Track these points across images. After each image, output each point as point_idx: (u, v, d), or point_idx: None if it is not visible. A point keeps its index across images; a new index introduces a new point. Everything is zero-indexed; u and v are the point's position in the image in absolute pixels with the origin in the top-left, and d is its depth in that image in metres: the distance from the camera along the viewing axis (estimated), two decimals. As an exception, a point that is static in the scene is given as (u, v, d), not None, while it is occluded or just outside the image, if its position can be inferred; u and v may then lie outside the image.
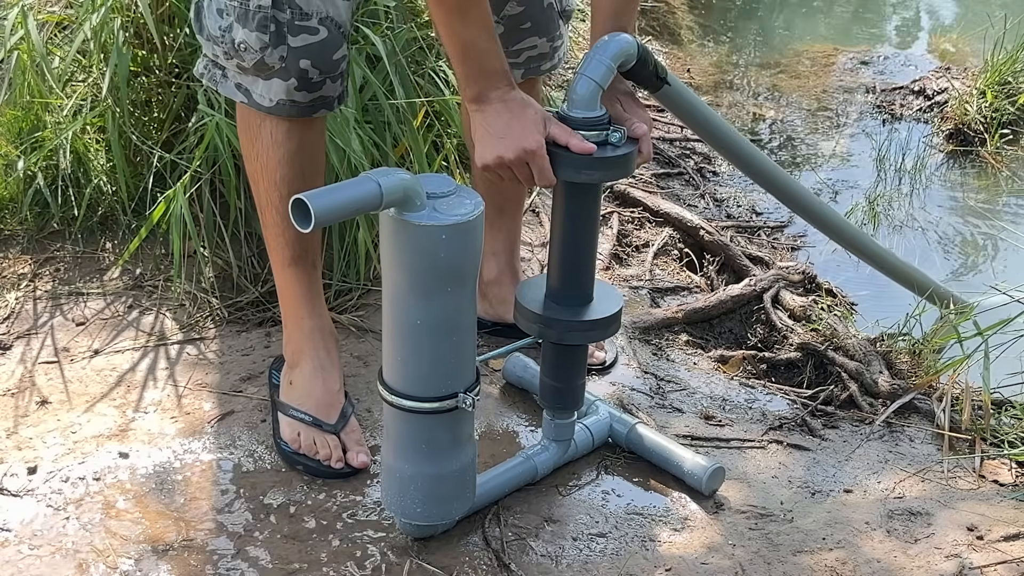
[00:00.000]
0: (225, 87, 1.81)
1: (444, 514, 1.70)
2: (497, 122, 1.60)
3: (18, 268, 2.40)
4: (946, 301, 2.50)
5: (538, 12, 1.99)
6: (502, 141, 1.61)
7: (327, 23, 1.73)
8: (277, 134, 1.80)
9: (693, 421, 2.11)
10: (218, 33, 1.75)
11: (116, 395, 2.07)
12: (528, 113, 1.62)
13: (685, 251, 2.90)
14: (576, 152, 1.60)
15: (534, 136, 1.60)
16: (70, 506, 1.79)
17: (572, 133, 1.61)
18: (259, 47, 1.72)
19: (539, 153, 1.60)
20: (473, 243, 1.52)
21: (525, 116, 1.62)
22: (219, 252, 2.37)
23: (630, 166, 1.67)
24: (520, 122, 1.61)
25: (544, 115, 1.63)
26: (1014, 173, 3.68)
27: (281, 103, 1.76)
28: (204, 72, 1.84)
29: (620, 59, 1.64)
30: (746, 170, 2.13)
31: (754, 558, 1.75)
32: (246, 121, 1.84)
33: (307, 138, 1.83)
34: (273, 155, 1.81)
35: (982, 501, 1.91)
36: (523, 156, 1.60)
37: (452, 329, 1.57)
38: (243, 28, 1.72)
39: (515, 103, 1.63)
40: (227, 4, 1.73)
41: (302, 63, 1.73)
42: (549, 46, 2.03)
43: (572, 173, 1.63)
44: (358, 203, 1.43)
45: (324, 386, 1.93)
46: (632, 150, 1.65)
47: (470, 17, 1.60)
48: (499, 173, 1.64)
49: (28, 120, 2.47)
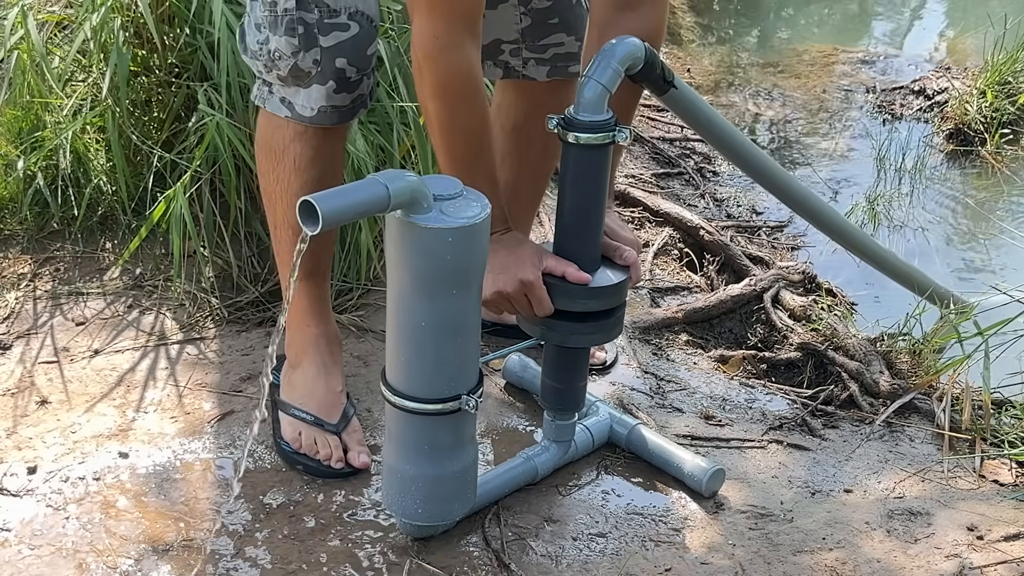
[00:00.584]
0: (271, 103, 1.79)
1: (445, 514, 1.70)
2: (494, 259, 1.64)
3: (18, 268, 2.40)
4: (946, 301, 2.50)
5: (566, 8, 1.97)
6: (500, 276, 1.67)
7: (357, 17, 1.72)
8: (301, 161, 1.80)
9: (693, 421, 2.11)
10: (257, 47, 1.75)
11: (116, 395, 2.07)
12: (524, 250, 1.70)
13: (685, 251, 2.90)
14: (572, 282, 1.67)
15: (531, 270, 1.67)
16: (70, 506, 1.79)
17: (568, 264, 1.68)
18: (291, 52, 1.71)
19: (536, 285, 1.67)
20: (479, 245, 1.52)
21: (521, 252, 1.69)
22: (219, 252, 2.37)
23: (623, 293, 1.75)
24: (516, 258, 1.68)
25: (540, 250, 1.71)
26: (1014, 173, 3.68)
27: (322, 110, 1.75)
28: (257, 93, 1.83)
29: (627, 63, 1.64)
30: (752, 174, 2.12)
31: (754, 558, 1.75)
32: (269, 143, 1.82)
33: (330, 165, 1.83)
34: (295, 180, 1.81)
35: (982, 501, 1.91)
36: (521, 289, 1.67)
37: (456, 331, 1.57)
38: (274, 36, 1.71)
39: (511, 241, 1.70)
40: (262, 16, 1.72)
41: (338, 62, 1.72)
42: (577, 46, 2.00)
43: (568, 302, 1.69)
44: (365, 205, 1.43)
45: (327, 386, 1.93)
46: (626, 278, 1.73)
47: (476, 170, 1.64)
48: (500, 305, 1.70)
49: (28, 120, 2.47)
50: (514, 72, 2.01)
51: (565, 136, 1.63)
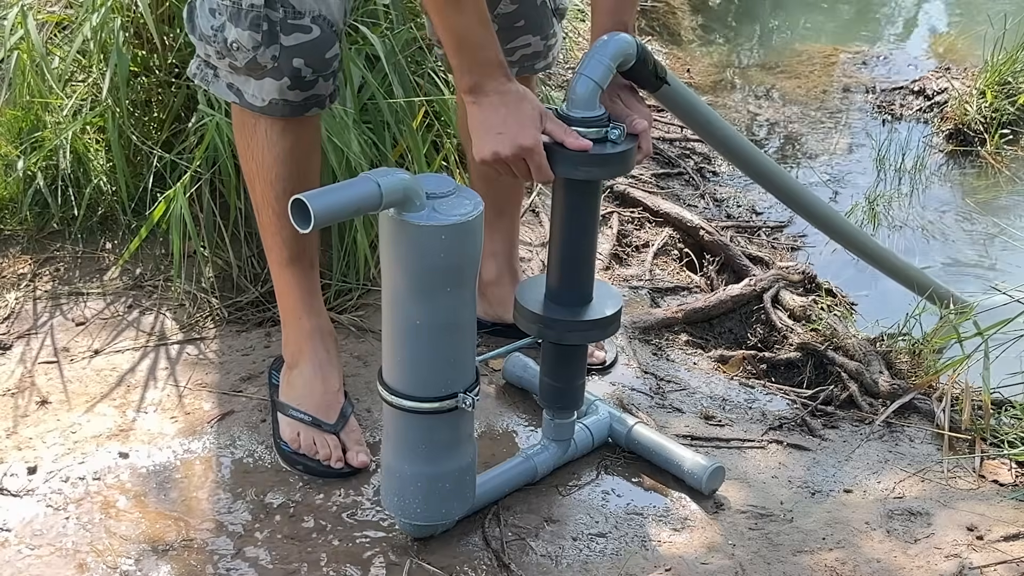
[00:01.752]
0: (217, 87, 1.80)
1: (444, 514, 1.70)
2: (494, 117, 1.59)
3: (18, 268, 2.40)
4: (946, 301, 2.50)
5: (531, 10, 1.99)
6: (499, 137, 1.60)
7: (319, 21, 1.72)
8: (272, 133, 1.80)
9: (693, 421, 2.11)
10: (210, 32, 1.75)
11: (116, 395, 2.07)
12: (525, 108, 1.61)
13: (685, 251, 2.90)
14: (572, 149, 1.60)
15: (531, 132, 1.60)
16: (70, 506, 1.79)
17: (568, 130, 1.61)
18: (251, 46, 1.71)
19: (536, 150, 1.60)
20: (473, 243, 1.53)
21: (522, 111, 1.61)
22: (219, 252, 2.37)
23: (629, 163, 1.66)
24: (516, 118, 1.60)
25: (541, 110, 1.63)
26: (1014, 173, 3.68)
27: (274, 102, 1.76)
28: (196, 72, 1.84)
29: (619, 59, 1.64)
30: (746, 170, 2.13)
31: (754, 558, 1.75)
32: (241, 121, 1.84)
33: (302, 137, 1.83)
34: (268, 154, 1.81)
35: (982, 501, 1.91)
36: (520, 153, 1.60)
37: (452, 329, 1.57)
38: (235, 27, 1.71)
39: (512, 97, 1.62)
40: (219, 3, 1.72)
41: (295, 62, 1.72)
42: (543, 44, 2.03)
43: (570, 169, 1.62)
44: (357, 203, 1.43)
45: (324, 386, 1.93)
46: (631, 147, 1.65)
47: (464, 6, 1.59)
48: (496, 168, 1.64)
49: (28, 120, 2.47)
50: None
51: None
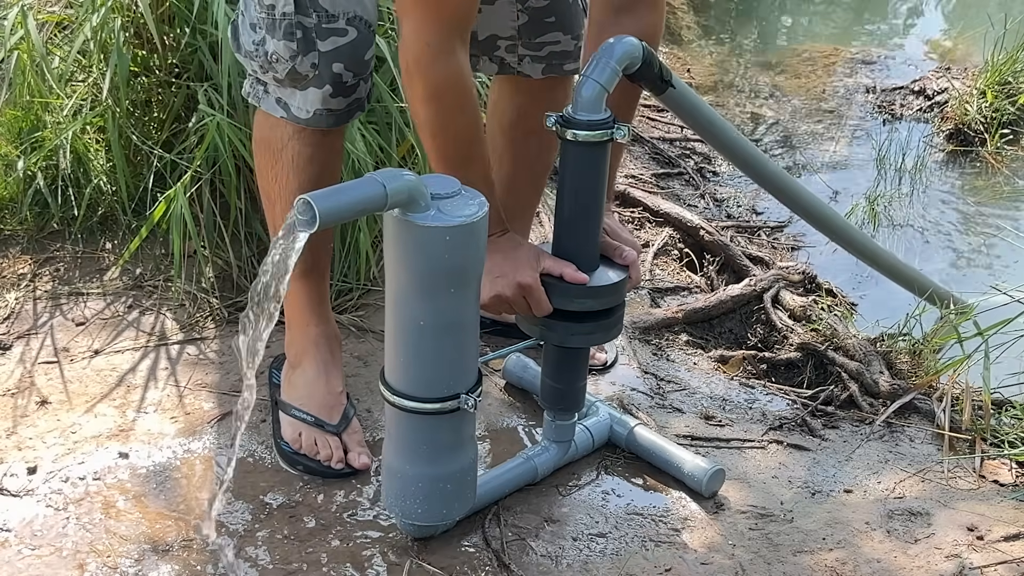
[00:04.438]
0: (267, 103, 1.79)
1: (445, 515, 1.70)
2: (492, 263, 1.64)
3: (18, 268, 2.40)
4: (946, 301, 2.50)
5: (563, 7, 1.98)
6: (498, 280, 1.67)
7: (356, 23, 1.71)
8: (299, 160, 1.79)
9: (693, 421, 2.11)
10: (252, 48, 1.75)
11: (116, 395, 2.07)
12: (521, 252, 1.70)
13: (685, 251, 2.90)
14: (570, 282, 1.67)
15: (528, 272, 1.67)
16: (70, 506, 1.79)
17: (565, 264, 1.68)
18: (288, 56, 1.71)
19: (535, 287, 1.67)
20: (477, 244, 1.52)
21: (519, 255, 1.69)
22: (219, 252, 2.37)
23: (621, 293, 1.74)
24: (513, 261, 1.68)
25: (537, 251, 1.71)
26: (1014, 173, 3.68)
27: (318, 113, 1.75)
28: (250, 91, 1.83)
29: (625, 62, 1.64)
30: (749, 172, 2.12)
31: (754, 558, 1.75)
32: (267, 141, 1.82)
33: (328, 163, 1.83)
34: (294, 179, 1.80)
35: (982, 501, 1.91)
36: (519, 291, 1.67)
37: (455, 330, 1.57)
38: (272, 39, 1.71)
39: (508, 244, 1.70)
40: (258, 17, 1.72)
41: (335, 67, 1.72)
42: (573, 44, 2.01)
43: (566, 302, 1.69)
44: (363, 204, 1.43)
45: (327, 387, 1.93)
46: (624, 277, 1.74)
47: (471, 168, 1.64)
48: (498, 308, 1.71)
49: (28, 120, 2.47)
50: (509, 68, 2.01)
51: (563, 134, 1.64)
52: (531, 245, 1.73)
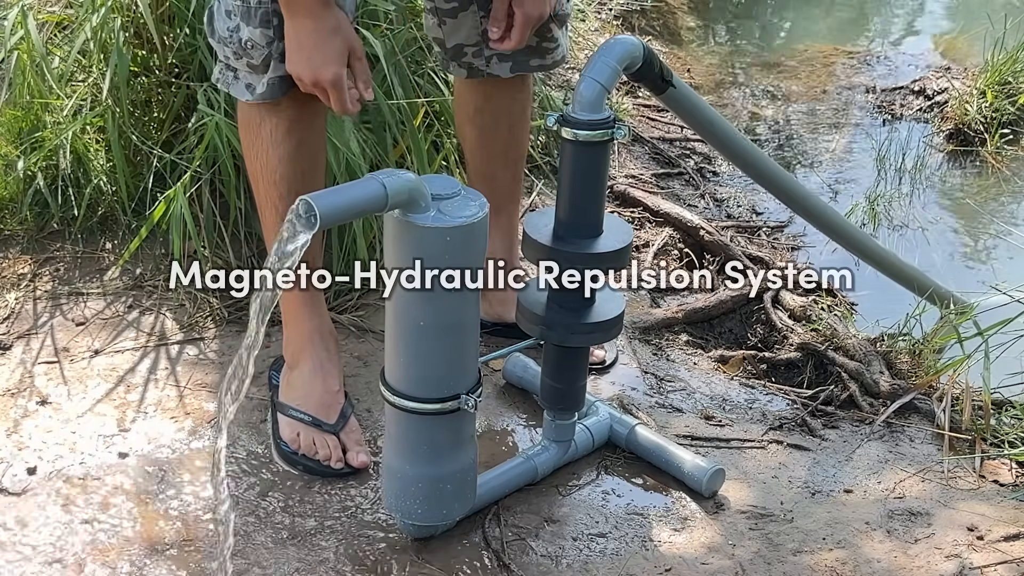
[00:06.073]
0: (236, 88, 1.81)
1: (445, 515, 1.70)
2: (306, 41, 1.64)
3: (18, 268, 2.40)
4: (946, 301, 2.50)
5: None
6: (307, 62, 1.66)
7: None
8: (277, 133, 1.80)
9: (693, 421, 2.11)
10: (227, 34, 1.75)
11: (116, 395, 2.07)
12: (334, 43, 1.65)
13: (685, 251, 2.90)
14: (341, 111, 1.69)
15: (332, 69, 1.65)
16: (70, 506, 1.78)
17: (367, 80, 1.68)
18: (265, 43, 1.72)
19: (335, 84, 1.65)
20: (478, 245, 1.53)
21: (330, 46, 1.65)
22: (219, 252, 2.37)
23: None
24: (321, 52, 1.66)
25: (352, 46, 1.68)
26: (1014, 173, 3.68)
27: (271, 83, 1.75)
28: (219, 77, 1.84)
29: (625, 61, 1.64)
30: (750, 172, 2.13)
31: (754, 558, 1.75)
32: (246, 121, 1.84)
33: (307, 138, 1.83)
34: (273, 154, 1.81)
35: (982, 501, 1.91)
36: (320, 83, 1.66)
37: (456, 331, 1.57)
38: (248, 26, 1.72)
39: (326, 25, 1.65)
40: (233, 4, 1.73)
41: None
42: (536, 41, 2.01)
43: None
44: (363, 204, 1.43)
45: (324, 386, 1.93)
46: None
47: None
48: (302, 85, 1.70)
49: (28, 120, 2.47)
50: (478, 72, 2.03)
51: (563, 133, 1.64)
52: (349, 34, 1.68)
